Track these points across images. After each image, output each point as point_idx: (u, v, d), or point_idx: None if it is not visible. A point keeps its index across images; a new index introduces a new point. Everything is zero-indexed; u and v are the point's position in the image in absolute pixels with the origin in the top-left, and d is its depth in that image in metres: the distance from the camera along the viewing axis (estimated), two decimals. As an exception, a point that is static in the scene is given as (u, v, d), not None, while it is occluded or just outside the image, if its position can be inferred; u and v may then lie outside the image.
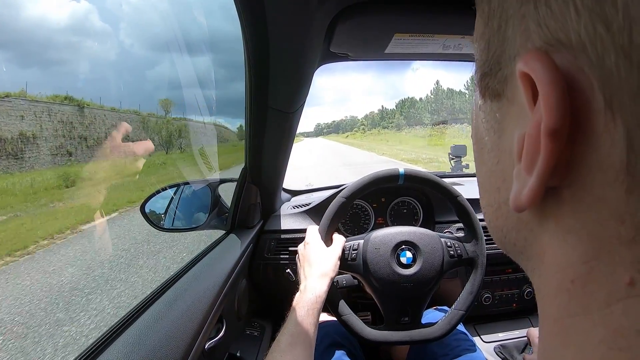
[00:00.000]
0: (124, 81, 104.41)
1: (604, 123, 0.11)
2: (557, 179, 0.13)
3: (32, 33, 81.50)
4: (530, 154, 0.14)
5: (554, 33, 0.12)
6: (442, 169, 8.37)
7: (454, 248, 0.66)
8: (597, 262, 0.13)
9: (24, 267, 3.93)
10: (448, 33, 0.55)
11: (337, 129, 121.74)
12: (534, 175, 0.14)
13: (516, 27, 0.14)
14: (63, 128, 17.06)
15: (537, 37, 0.13)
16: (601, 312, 0.12)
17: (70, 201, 8.78)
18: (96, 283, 3.20)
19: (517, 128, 0.15)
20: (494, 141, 0.18)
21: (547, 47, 0.13)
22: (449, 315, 0.64)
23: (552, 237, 0.15)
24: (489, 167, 0.19)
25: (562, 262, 0.14)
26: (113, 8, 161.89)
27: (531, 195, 0.14)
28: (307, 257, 0.63)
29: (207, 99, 1.07)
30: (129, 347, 0.40)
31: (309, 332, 0.51)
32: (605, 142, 0.11)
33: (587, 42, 0.11)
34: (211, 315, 0.55)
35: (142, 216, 0.78)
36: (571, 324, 0.14)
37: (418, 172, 0.69)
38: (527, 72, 0.13)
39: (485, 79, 0.17)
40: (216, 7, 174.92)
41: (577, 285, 0.13)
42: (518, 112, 0.15)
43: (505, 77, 0.16)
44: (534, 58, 0.13)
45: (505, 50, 0.15)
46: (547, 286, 0.16)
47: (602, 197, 0.12)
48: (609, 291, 0.12)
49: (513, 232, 0.18)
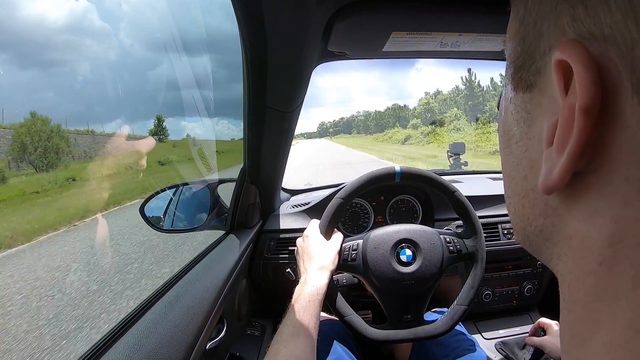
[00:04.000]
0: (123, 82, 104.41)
1: (630, 107, 0.13)
2: (585, 162, 0.14)
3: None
4: (562, 135, 0.15)
5: (588, 27, 0.14)
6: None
7: (454, 244, 0.66)
8: (623, 245, 0.13)
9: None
10: (445, 31, 0.55)
11: (348, 127, 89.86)
12: (566, 154, 0.15)
13: (552, 23, 0.16)
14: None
15: (571, 31, 0.15)
16: (628, 295, 0.13)
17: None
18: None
19: (546, 117, 0.17)
20: (523, 131, 0.19)
21: (580, 39, 0.14)
22: (452, 311, 0.65)
23: (580, 220, 0.15)
24: (517, 155, 0.20)
25: (590, 245, 0.15)
26: (108, 6, 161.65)
27: (562, 174, 0.15)
28: (307, 250, 0.63)
29: (205, 99, 1.06)
30: (130, 349, 0.40)
31: (310, 323, 0.51)
32: (632, 124, 0.13)
33: (618, 35, 0.13)
34: (212, 315, 0.55)
35: (142, 217, 0.78)
36: (599, 308, 0.14)
37: (414, 169, 0.69)
38: (564, 58, 0.14)
39: (519, 72, 0.19)
40: (213, 6, 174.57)
41: (604, 268, 0.14)
42: (548, 102, 0.17)
43: (539, 69, 0.17)
44: (570, 46, 0.14)
45: (539, 44, 0.17)
46: (574, 270, 0.16)
47: (627, 177, 0.13)
48: (636, 273, 0.13)
49: (540, 219, 0.19)
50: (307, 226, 0.69)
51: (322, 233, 0.66)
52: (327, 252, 0.62)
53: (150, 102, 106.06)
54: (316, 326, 0.52)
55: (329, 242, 0.65)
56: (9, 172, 15.03)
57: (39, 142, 18.22)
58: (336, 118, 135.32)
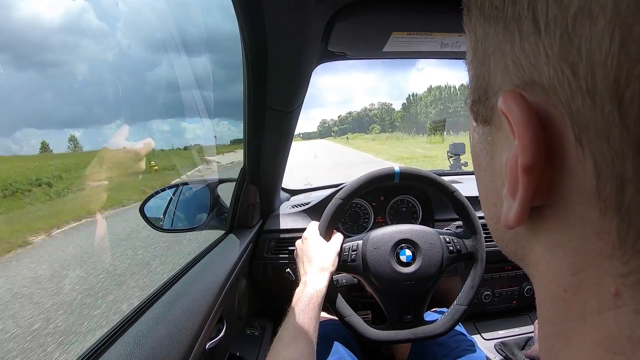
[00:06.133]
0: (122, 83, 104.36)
1: (575, 155, 0.13)
2: (541, 200, 0.15)
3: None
4: (511, 183, 0.15)
5: (528, 74, 0.14)
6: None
7: (453, 244, 0.66)
8: (585, 274, 0.13)
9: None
10: (446, 31, 0.55)
11: (359, 125, 75.57)
12: (517, 201, 0.15)
13: (497, 62, 0.15)
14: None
15: (514, 76, 0.14)
16: (594, 318, 0.13)
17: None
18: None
19: (504, 152, 0.17)
20: (487, 162, 0.19)
21: (523, 85, 0.14)
22: (451, 311, 0.64)
23: (544, 249, 0.16)
24: (485, 183, 0.20)
25: (555, 272, 0.15)
26: (105, 5, 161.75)
27: (517, 217, 0.15)
28: (306, 252, 0.63)
29: (205, 100, 1.06)
30: (130, 348, 0.40)
31: (310, 326, 0.51)
32: (579, 171, 0.13)
33: (556, 84, 0.12)
34: (211, 315, 0.55)
35: (142, 217, 0.78)
36: (569, 327, 0.15)
37: (413, 169, 0.69)
38: (505, 112, 0.14)
39: (476, 106, 0.18)
40: (213, 6, 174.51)
41: (569, 294, 0.14)
42: (504, 139, 0.16)
43: (492, 106, 0.17)
44: (510, 99, 0.14)
45: (490, 82, 0.17)
46: (543, 292, 0.17)
47: (583, 216, 0.13)
48: (599, 300, 0.13)
49: (512, 242, 0.19)
50: (307, 227, 0.68)
51: (321, 234, 0.66)
52: (326, 254, 0.62)
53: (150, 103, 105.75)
54: (316, 329, 0.52)
55: (328, 243, 0.65)
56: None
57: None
58: (343, 113, 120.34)
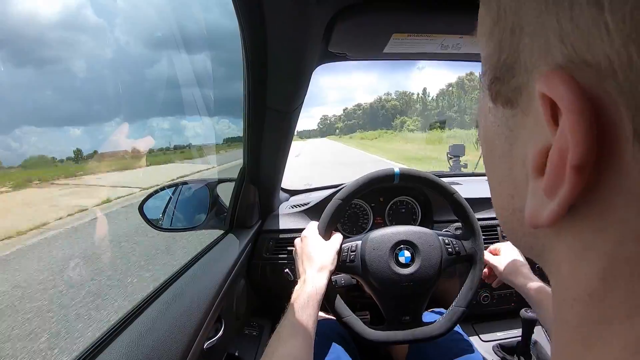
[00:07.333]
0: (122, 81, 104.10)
1: (631, 154, 0.11)
2: (579, 200, 0.13)
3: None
4: (552, 180, 0.13)
5: (579, 53, 0.11)
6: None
7: (452, 245, 0.66)
8: (615, 280, 0.12)
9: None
10: (446, 33, 0.55)
11: (372, 120, 60.32)
12: (557, 202, 0.13)
13: (534, 36, 0.13)
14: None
15: (559, 54, 0.12)
16: (622, 324, 0.12)
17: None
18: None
19: (531, 141, 0.14)
20: (506, 149, 0.17)
21: (570, 65, 0.12)
22: (450, 313, 0.65)
23: (570, 249, 0.14)
24: (501, 173, 0.18)
25: (579, 275, 0.14)
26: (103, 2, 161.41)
27: (552, 217, 0.14)
28: (306, 251, 0.63)
29: (205, 98, 1.06)
30: (128, 347, 0.40)
31: (309, 324, 0.51)
32: (632, 171, 0.11)
33: (618, 67, 0.10)
34: (210, 314, 0.55)
35: (141, 216, 0.78)
36: (591, 331, 0.14)
37: (413, 171, 0.69)
38: (551, 96, 0.12)
39: (496, 84, 0.16)
40: (213, 3, 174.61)
41: (594, 299, 0.13)
42: (533, 124, 0.14)
43: (520, 86, 0.15)
44: (558, 81, 0.12)
45: (519, 58, 0.14)
46: (563, 294, 0.15)
47: (623, 219, 0.12)
48: (630, 306, 0.12)
49: (530, 237, 0.17)
50: (306, 227, 0.68)
51: (321, 234, 0.65)
52: (326, 252, 0.62)
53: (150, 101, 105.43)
54: (314, 326, 0.52)
55: (328, 242, 0.65)
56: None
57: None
58: (350, 106, 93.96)
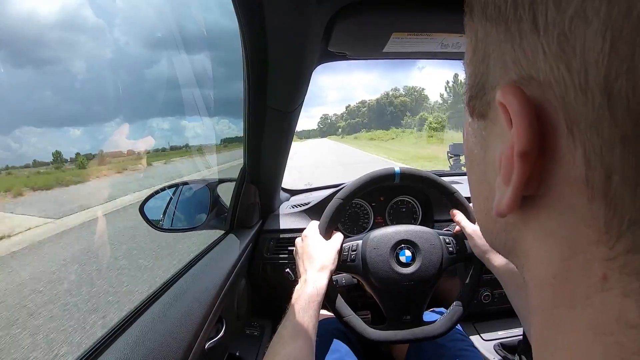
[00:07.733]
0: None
1: (566, 145, 0.14)
2: (532, 189, 0.16)
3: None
4: (506, 170, 0.16)
5: (526, 70, 0.15)
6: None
7: (453, 245, 0.66)
8: (573, 261, 0.15)
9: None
10: (446, 32, 0.55)
11: (379, 118, 51.71)
12: (510, 188, 0.16)
13: (497, 61, 0.17)
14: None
15: (513, 72, 0.16)
16: (583, 303, 0.14)
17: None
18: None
19: (499, 145, 0.18)
20: (481, 155, 0.20)
21: (521, 80, 0.15)
22: (451, 312, 0.65)
23: (535, 237, 0.17)
24: (478, 177, 0.21)
25: (544, 260, 0.16)
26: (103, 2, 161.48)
27: (509, 204, 0.17)
28: (306, 250, 0.63)
29: (205, 98, 1.06)
30: (129, 348, 0.40)
31: (310, 324, 0.51)
32: (569, 160, 0.14)
33: (552, 79, 0.14)
34: (211, 315, 0.55)
35: (141, 216, 0.78)
36: (558, 314, 0.16)
37: (414, 170, 0.69)
38: (503, 102, 0.16)
39: (473, 101, 0.20)
40: (213, 3, 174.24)
41: (558, 280, 0.15)
42: (500, 131, 0.18)
43: (489, 101, 0.18)
44: (509, 92, 0.15)
45: (488, 79, 0.18)
46: (533, 280, 0.18)
47: (571, 205, 0.14)
48: (588, 285, 0.14)
49: (503, 234, 0.20)
50: (307, 227, 0.68)
51: (321, 234, 0.65)
52: (327, 252, 0.62)
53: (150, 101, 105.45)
54: (315, 327, 0.52)
55: (328, 241, 0.65)
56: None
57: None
58: (353, 104, 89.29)
